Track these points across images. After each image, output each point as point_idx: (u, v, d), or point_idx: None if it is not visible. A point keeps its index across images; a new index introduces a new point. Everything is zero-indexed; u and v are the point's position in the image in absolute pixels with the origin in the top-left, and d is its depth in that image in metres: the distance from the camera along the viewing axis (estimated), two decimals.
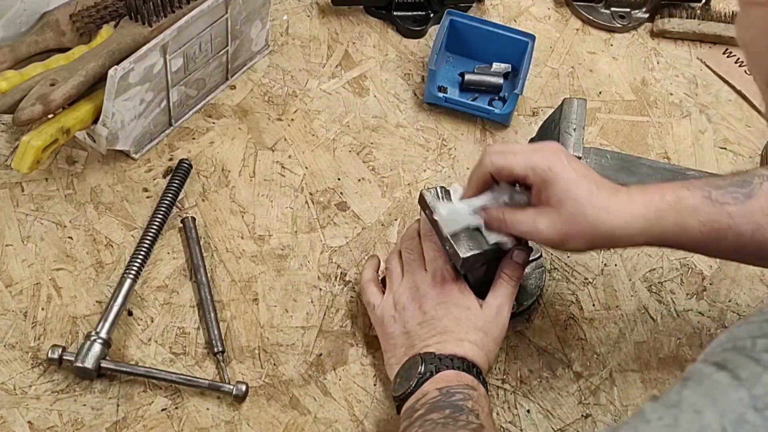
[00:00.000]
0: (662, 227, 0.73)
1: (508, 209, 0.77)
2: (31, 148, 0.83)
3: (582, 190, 0.73)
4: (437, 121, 1.05)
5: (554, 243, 0.75)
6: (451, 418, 0.71)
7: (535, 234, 0.75)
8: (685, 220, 0.73)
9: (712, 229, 0.73)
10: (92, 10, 0.94)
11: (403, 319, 0.81)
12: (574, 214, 0.72)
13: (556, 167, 0.73)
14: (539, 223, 0.74)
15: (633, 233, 0.73)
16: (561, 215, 0.73)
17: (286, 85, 1.05)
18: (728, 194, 0.73)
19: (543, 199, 0.74)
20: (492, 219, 0.77)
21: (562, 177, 0.73)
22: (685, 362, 0.89)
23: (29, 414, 0.78)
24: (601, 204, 0.72)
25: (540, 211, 0.74)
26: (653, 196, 0.74)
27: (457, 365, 0.76)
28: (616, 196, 0.73)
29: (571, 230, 0.73)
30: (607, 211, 0.72)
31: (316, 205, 0.95)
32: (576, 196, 0.72)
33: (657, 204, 0.73)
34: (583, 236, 0.73)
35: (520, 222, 0.76)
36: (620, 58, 1.15)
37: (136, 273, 0.86)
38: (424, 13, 1.14)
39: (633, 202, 0.73)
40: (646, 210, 0.73)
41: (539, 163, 0.73)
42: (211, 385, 0.80)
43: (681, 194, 0.74)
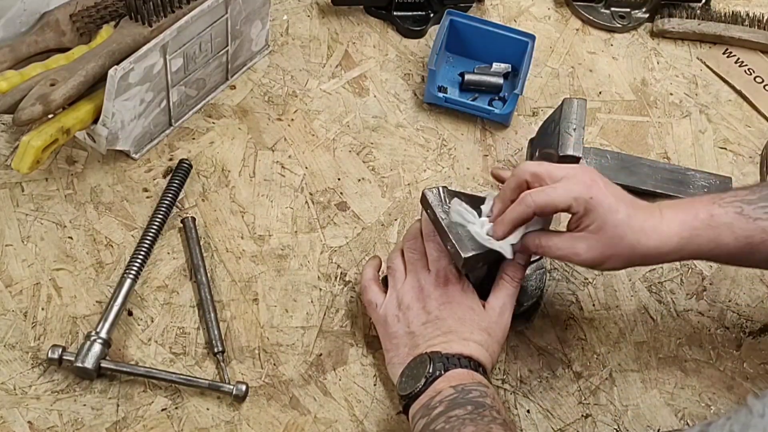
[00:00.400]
0: (697, 244, 0.76)
1: (544, 235, 0.79)
2: (31, 148, 0.83)
3: (621, 214, 0.75)
4: (437, 121, 1.05)
5: (592, 265, 0.77)
6: (476, 414, 0.71)
7: (573, 257, 0.77)
8: (720, 236, 0.75)
9: (746, 244, 0.75)
10: (92, 10, 0.94)
11: (407, 318, 0.81)
12: (613, 238, 0.75)
13: (596, 195, 0.75)
14: (578, 248, 0.76)
15: (667, 251, 0.76)
16: (600, 240, 0.75)
17: (286, 85, 1.05)
18: (760, 209, 0.75)
19: (582, 225, 0.76)
20: (529, 246, 0.79)
21: (602, 204, 0.74)
22: (685, 362, 0.89)
23: (29, 414, 0.78)
24: (638, 226, 0.75)
25: (579, 237, 0.76)
26: (687, 215, 0.76)
27: (464, 364, 0.76)
28: (652, 217, 0.76)
29: (610, 253, 0.75)
30: (645, 233, 0.75)
31: (316, 205, 0.95)
32: (615, 222, 0.74)
33: (691, 223, 0.75)
34: (621, 257, 0.76)
35: (557, 247, 0.77)
36: (620, 58, 1.15)
37: (136, 273, 0.86)
38: (424, 13, 1.14)
39: (667, 221, 0.76)
40: (681, 229, 0.75)
41: (581, 193, 0.75)
42: (211, 385, 0.80)
43: (714, 212, 0.76)
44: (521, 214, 0.77)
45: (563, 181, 0.76)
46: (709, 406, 0.87)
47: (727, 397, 0.87)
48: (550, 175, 0.77)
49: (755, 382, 0.88)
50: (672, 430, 0.85)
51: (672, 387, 0.88)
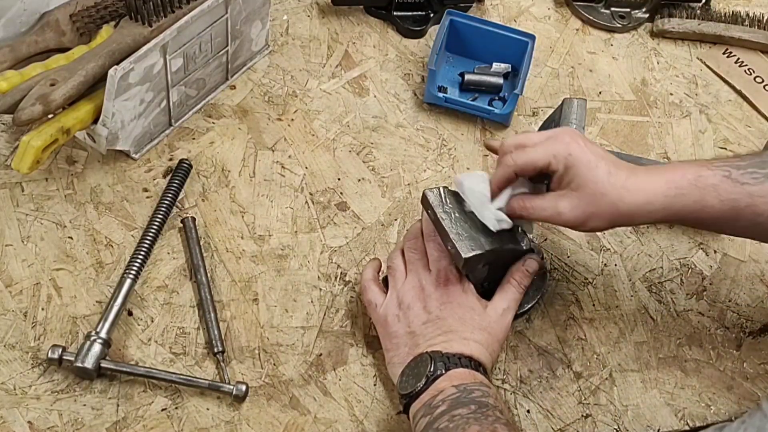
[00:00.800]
0: (682, 204, 0.75)
1: (528, 197, 0.79)
2: (31, 148, 0.83)
3: (601, 171, 0.74)
4: (437, 121, 1.05)
5: (576, 224, 0.77)
6: (480, 413, 0.72)
7: (557, 217, 0.77)
8: (705, 197, 0.75)
9: (731, 207, 0.75)
10: (92, 10, 0.94)
11: (408, 318, 0.81)
12: (595, 194, 0.74)
13: (575, 152, 0.75)
14: (561, 206, 0.76)
15: (653, 210, 0.75)
16: (582, 197, 0.75)
17: (286, 85, 1.05)
18: (748, 174, 0.75)
19: (564, 183, 0.76)
20: (514, 209, 0.79)
21: (581, 160, 0.75)
22: (685, 362, 0.89)
23: (29, 414, 0.78)
24: (620, 183, 0.74)
25: (561, 195, 0.76)
26: (674, 174, 0.75)
27: (465, 364, 0.77)
28: (635, 176, 0.75)
29: (592, 210, 0.75)
30: (627, 190, 0.74)
31: (316, 205, 0.95)
32: (596, 178, 0.74)
33: (678, 182, 0.75)
34: (605, 215, 0.75)
35: (541, 208, 0.77)
36: (620, 58, 1.15)
37: (136, 273, 0.86)
38: (424, 13, 1.14)
39: (653, 179, 0.75)
40: (667, 187, 0.75)
41: (559, 150, 0.75)
42: (211, 385, 0.80)
43: (702, 173, 0.75)
44: (503, 175, 0.78)
45: (543, 142, 0.77)
46: (709, 406, 0.87)
47: (727, 397, 0.87)
48: (532, 140, 0.78)
49: (755, 382, 0.88)
50: (672, 430, 0.85)
51: (672, 387, 0.88)
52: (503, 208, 0.80)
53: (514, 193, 0.80)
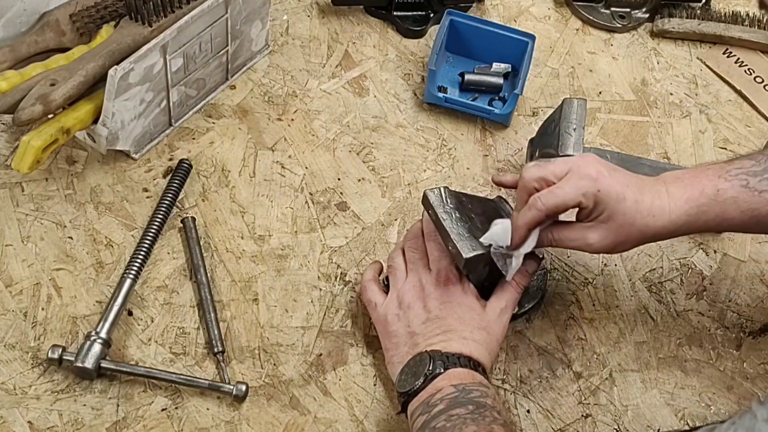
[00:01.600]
0: (704, 220, 0.77)
1: (556, 228, 0.79)
2: (31, 148, 0.83)
3: (629, 202, 0.75)
4: (437, 121, 1.05)
5: (604, 251, 0.79)
6: (477, 414, 0.72)
7: (586, 247, 0.78)
8: (726, 211, 0.76)
9: (752, 216, 0.76)
10: (92, 10, 0.94)
11: (408, 317, 0.81)
12: (623, 225, 0.76)
13: (603, 187, 0.75)
14: (590, 238, 0.77)
15: (676, 228, 0.77)
16: (611, 228, 0.76)
17: (286, 85, 1.05)
18: (765, 181, 0.76)
19: (592, 216, 0.77)
20: (543, 242, 0.79)
21: (610, 195, 0.75)
22: (685, 362, 0.89)
23: (29, 414, 0.78)
24: (646, 210, 0.76)
25: (589, 227, 0.77)
26: (693, 191, 0.77)
27: (464, 363, 0.77)
28: (659, 198, 0.76)
29: (621, 239, 0.77)
30: (653, 216, 0.76)
31: (316, 205, 0.95)
32: (624, 210, 0.75)
33: (698, 200, 0.76)
34: (632, 241, 0.77)
35: (570, 239, 0.78)
36: (620, 58, 1.15)
37: (136, 273, 0.86)
38: (424, 13, 1.14)
39: (674, 200, 0.76)
40: (688, 206, 0.76)
41: (588, 188, 0.75)
42: (211, 385, 0.80)
43: (720, 186, 0.76)
44: (533, 218, 0.77)
45: (568, 178, 0.76)
46: (709, 406, 0.87)
47: (727, 397, 0.87)
48: (555, 174, 0.77)
49: (755, 382, 0.88)
50: (672, 430, 0.85)
51: (672, 387, 0.88)
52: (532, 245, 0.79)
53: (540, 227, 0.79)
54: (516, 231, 0.78)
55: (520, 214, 0.78)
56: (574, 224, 0.78)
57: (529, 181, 0.78)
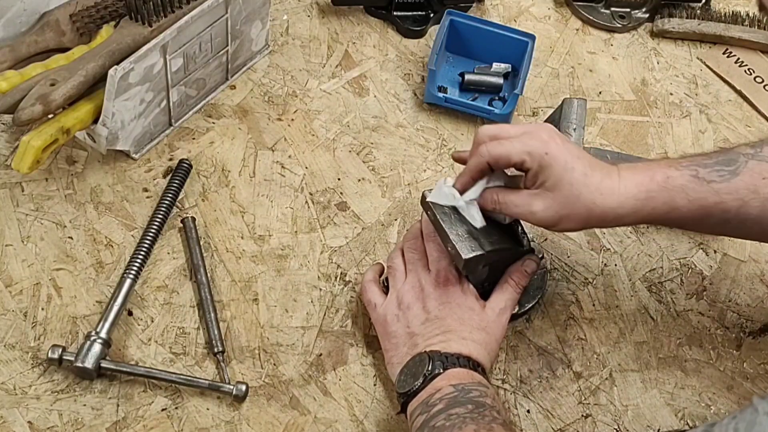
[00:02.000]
0: (652, 206, 0.75)
1: (502, 191, 0.78)
2: (31, 148, 0.83)
3: (577, 173, 0.74)
4: (437, 121, 1.05)
5: (548, 224, 0.77)
6: (477, 413, 0.72)
7: (529, 215, 0.76)
8: (674, 198, 0.75)
9: (700, 207, 0.75)
10: (92, 10, 0.94)
11: (407, 318, 0.81)
12: (569, 197, 0.74)
13: (552, 151, 0.74)
14: (534, 205, 0.75)
15: (624, 213, 0.75)
16: (556, 198, 0.74)
17: (286, 85, 1.05)
18: (715, 172, 0.75)
19: (538, 181, 0.75)
20: (487, 201, 0.79)
21: (558, 161, 0.74)
22: (685, 362, 0.89)
23: (29, 414, 0.78)
24: (594, 186, 0.74)
25: (535, 194, 0.76)
26: (643, 177, 0.75)
27: (463, 363, 0.77)
28: (609, 178, 0.75)
29: (566, 212, 0.75)
30: (601, 193, 0.74)
31: (316, 205, 0.95)
32: (571, 179, 0.74)
33: (647, 185, 0.75)
34: (577, 217, 0.75)
35: (514, 204, 0.77)
36: (620, 58, 1.15)
37: (136, 273, 0.86)
38: (424, 13, 1.14)
39: (624, 183, 0.75)
40: (638, 190, 0.75)
41: (536, 148, 0.74)
42: (211, 385, 0.80)
43: (670, 174, 0.75)
44: (477, 164, 0.77)
45: (520, 136, 0.76)
46: (709, 406, 0.87)
47: (727, 397, 0.87)
48: (508, 132, 0.77)
49: (755, 382, 0.88)
50: (672, 430, 0.85)
51: (672, 387, 0.88)
52: (477, 199, 0.79)
53: (488, 186, 0.79)
54: (461, 176, 0.79)
55: (468, 161, 0.78)
56: (521, 191, 0.78)
57: (483, 137, 0.78)
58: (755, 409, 0.55)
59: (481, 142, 0.78)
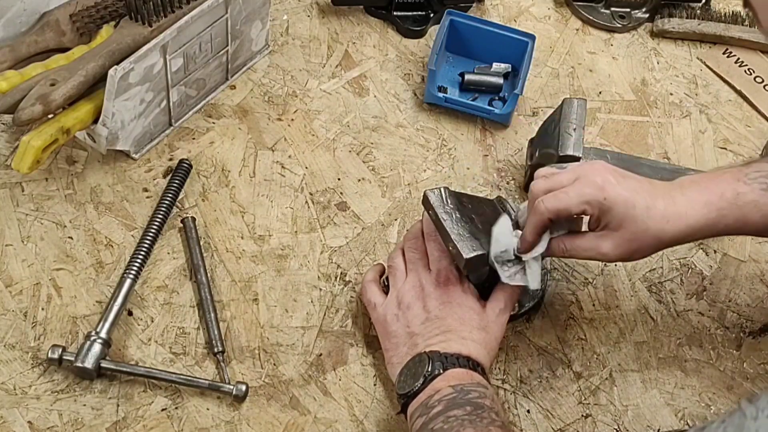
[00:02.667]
0: (725, 224, 0.75)
1: (568, 238, 0.78)
2: (31, 148, 0.83)
3: (639, 208, 0.74)
4: (437, 121, 1.05)
5: (621, 260, 0.78)
6: (475, 415, 0.71)
7: (600, 257, 0.77)
8: (746, 215, 0.75)
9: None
10: (92, 10, 0.94)
11: (407, 318, 0.81)
12: (636, 233, 0.74)
13: (610, 195, 0.74)
14: (603, 247, 0.76)
15: (695, 233, 0.75)
16: (623, 236, 0.75)
17: (286, 85, 1.05)
18: None
19: (602, 224, 0.75)
20: (555, 251, 0.79)
21: (617, 203, 0.74)
22: (685, 362, 0.89)
23: (29, 414, 0.78)
24: (660, 216, 0.74)
25: (601, 236, 0.76)
26: (711, 196, 0.75)
27: (463, 364, 0.76)
28: (674, 203, 0.75)
29: (635, 247, 0.75)
30: (668, 221, 0.74)
31: (316, 205, 0.95)
32: (635, 217, 0.74)
33: (717, 203, 0.75)
34: (648, 248, 0.76)
35: (583, 249, 0.77)
36: (620, 58, 1.15)
37: (136, 273, 0.86)
38: (424, 13, 1.14)
39: (692, 204, 0.75)
40: (707, 210, 0.74)
41: (594, 195, 0.74)
42: (211, 385, 0.80)
43: (739, 189, 0.75)
44: (537, 222, 0.77)
45: (575, 184, 0.76)
46: (709, 406, 0.87)
47: (727, 397, 0.87)
48: (562, 184, 0.77)
49: (755, 382, 0.88)
50: (672, 430, 0.85)
51: (672, 387, 0.88)
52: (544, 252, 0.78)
53: (553, 235, 0.78)
54: (524, 237, 0.78)
55: (527, 221, 0.78)
56: (587, 234, 0.78)
57: (537, 192, 0.77)
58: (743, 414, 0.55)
59: (536, 197, 0.77)
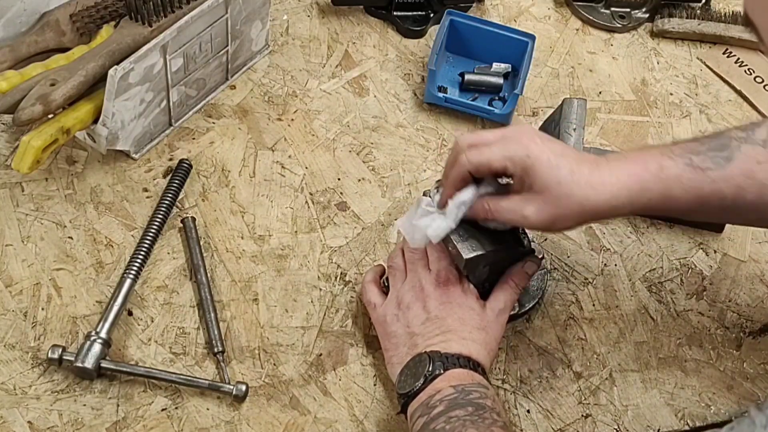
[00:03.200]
0: (647, 197, 0.73)
1: (492, 199, 0.76)
2: (31, 148, 0.83)
3: (564, 170, 0.72)
4: (437, 121, 1.05)
5: (543, 227, 0.75)
6: (477, 416, 0.71)
7: (522, 220, 0.74)
8: (670, 188, 0.73)
9: (696, 196, 0.73)
10: (92, 10, 0.94)
11: (407, 318, 0.81)
12: (559, 197, 0.72)
13: (533, 152, 0.72)
14: (526, 209, 0.73)
15: (618, 205, 0.73)
16: (546, 199, 0.72)
17: (286, 85, 1.05)
18: (709, 159, 0.73)
19: (526, 185, 0.73)
20: (478, 211, 0.77)
21: (541, 161, 0.72)
22: (685, 362, 0.89)
23: (29, 414, 0.78)
24: (584, 181, 0.72)
25: (525, 198, 0.73)
26: (636, 167, 0.73)
27: (463, 364, 0.76)
28: (599, 170, 0.73)
29: (558, 212, 0.72)
30: (592, 187, 0.72)
31: (316, 205, 0.95)
32: (559, 178, 0.72)
33: (641, 175, 0.73)
34: (571, 215, 0.73)
35: (506, 210, 0.75)
36: (620, 58, 1.15)
37: (136, 273, 0.86)
38: (424, 13, 1.14)
39: (616, 174, 0.73)
40: (630, 181, 0.72)
41: (516, 151, 0.73)
42: (211, 385, 0.80)
43: (663, 163, 0.73)
44: (458, 174, 0.75)
45: (499, 141, 0.74)
46: (709, 406, 0.87)
47: (727, 397, 0.87)
48: (486, 139, 0.75)
49: (755, 382, 0.88)
50: (672, 430, 0.85)
51: (672, 387, 0.88)
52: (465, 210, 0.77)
53: (479, 193, 0.77)
54: (443, 190, 0.77)
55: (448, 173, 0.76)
56: (511, 196, 0.75)
57: (461, 146, 0.76)
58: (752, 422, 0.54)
59: (460, 151, 0.76)
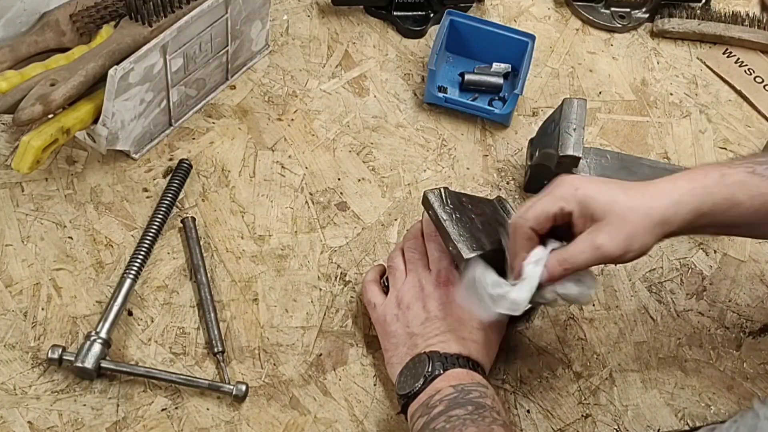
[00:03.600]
0: (712, 201, 0.71)
1: (560, 251, 0.74)
2: (31, 148, 0.83)
3: (616, 190, 0.71)
4: (437, 121, 1.05)
5: (622, 252, 0.71)
6: (477, 415, 0.71)
7: (599, 253, 0.71)
8: (734, 194, 0.71)
9: (762, 203, 0.71)
10: (92, 10, 0.94)
11: (407, 318, 0.81)
12: (623, 213, 0.70)
13: (581, 185, 0.72)
14: (597, 240, 0.71)
15: (684, 211, 0.70)
16: (612, 221, 0.70)
17: (286, 85, 1.05)
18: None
19: (588, 221, 0.72)
20: (554, 268, 0.73)
21: (592, 189, 0.71)
22: (685, 362, 0.89)
23: (29, 414, 0.78)
24: (641, 194, 0.71)
25: (592, 231, 0.71)
26: (696, 175, 0.72)
27: (463, 364, 0.77)
28: (653, 185, 0.72)
29: (629, 230, 0.70)
30: (653, 196, 0.71)
31: (316, 205, 0.95)
32: (615, 198, 0.71)
33: (702, 180, 0.71)
34: (643, 229, 0.70)
35: (579, 251, 0.72)
36: (620, 58, 1.15)
37: (136, 273, 0.86)
38: (424, 13, 1.14)
39: (674, 183, 0.72)
40: (693, 186, 0.71)
41: (566, 190, 0.72)
42: (211, 385, 0.80)
43: (725, 171, 0.72)
44: (522, 237, 0.74)
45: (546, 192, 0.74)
46: (709, 406, 0.87)
47: (727, 397, 0.87)
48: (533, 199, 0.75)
49: (755, 382, 0.88)
50: (672, 430, 0.85)
51: (672, 387, 0.88)
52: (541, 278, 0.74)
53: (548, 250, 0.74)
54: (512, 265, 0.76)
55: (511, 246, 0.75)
56: (578, 237, 0.73)
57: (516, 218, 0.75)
58: (756, 414, 0.54)
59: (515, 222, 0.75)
